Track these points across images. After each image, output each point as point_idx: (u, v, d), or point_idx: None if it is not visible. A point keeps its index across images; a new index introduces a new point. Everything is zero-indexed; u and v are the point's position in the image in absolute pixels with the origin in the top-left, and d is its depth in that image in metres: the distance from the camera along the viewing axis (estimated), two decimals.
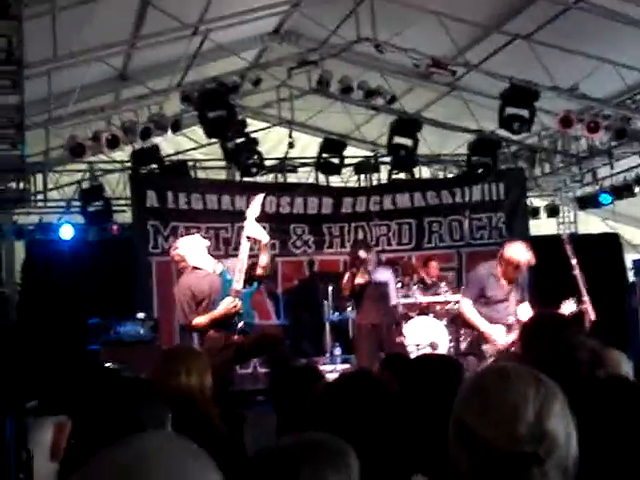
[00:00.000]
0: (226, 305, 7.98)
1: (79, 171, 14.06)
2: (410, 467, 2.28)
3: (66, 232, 13.64)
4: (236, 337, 7.80)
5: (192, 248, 8.20)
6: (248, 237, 8.14)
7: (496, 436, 1.82)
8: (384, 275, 10.80)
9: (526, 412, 1.84)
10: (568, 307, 8.74)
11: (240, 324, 8.00)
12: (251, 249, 8.15)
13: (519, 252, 8.58)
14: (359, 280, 10.23)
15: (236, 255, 8.43)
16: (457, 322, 11.20)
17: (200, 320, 8.04)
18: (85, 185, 13.89)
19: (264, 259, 8.11)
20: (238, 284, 8.02)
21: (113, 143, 11.30)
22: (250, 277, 8.06)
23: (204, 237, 10.03)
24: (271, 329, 9.63)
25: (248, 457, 3.90)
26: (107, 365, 9.52)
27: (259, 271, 8.11)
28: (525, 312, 8.88)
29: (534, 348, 3.33)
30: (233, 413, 4.36)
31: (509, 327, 8.70)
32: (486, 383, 1.92)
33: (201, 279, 8.11)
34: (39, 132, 11.78)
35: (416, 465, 2.34)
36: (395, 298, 11.07)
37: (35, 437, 3.00)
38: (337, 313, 12.12)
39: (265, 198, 13.44)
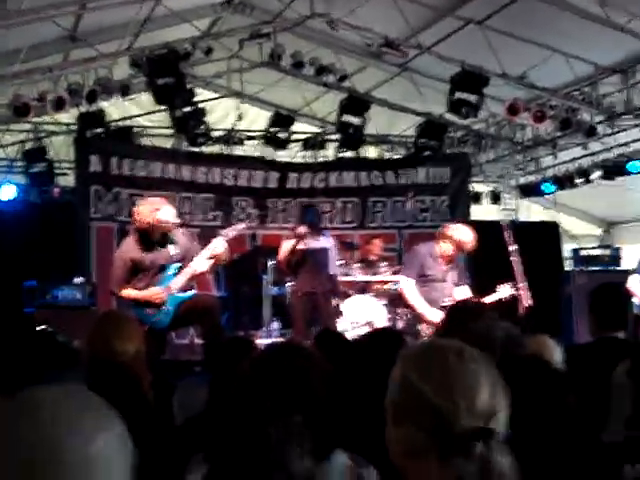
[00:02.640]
0: (153, 293, 7.98)
1: (23, 131, 13.86)
2: (332, 443, 2.30)
3: (7, 192, 13.44)
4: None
5: (168, 219, 8.08)
6: (212, 256, 8.12)
7: (455, 409, 1.87)
8: (325, 243, 10.80)
9: (483, 388, 1.89)
10: (504, 291, 8.88)
11: (154, 319, 8.01)
12: None
13: (468, 235, 8.72)
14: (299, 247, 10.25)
15: (180, 225, 8.44)
16: (396, 302, 11.29)
17: (127, 293, 8.05)
18: (28, 146, 13.71)
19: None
20: (175, 285, 8.02)
21: (59, 104, 11.13)
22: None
23: None
24: (207, 297, 9.58)
25: (175, 426, 3.93)
26: (42, 328, 9.41)
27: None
28: (463, 294, 9.01)
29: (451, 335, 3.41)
30: (164, 382, 4.36)
31: (444, 308, 8.80)
32: (445, 357, 1.96)
33: (145, 252, 8.05)
34: None
35: (338, 441, 2.37)
36: (335, 268, 11.09)
37: None
38: (276, 287, 12.13)
39: (210, 169, 13.57)
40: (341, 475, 2.28)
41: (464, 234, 8.76)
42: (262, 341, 11.20)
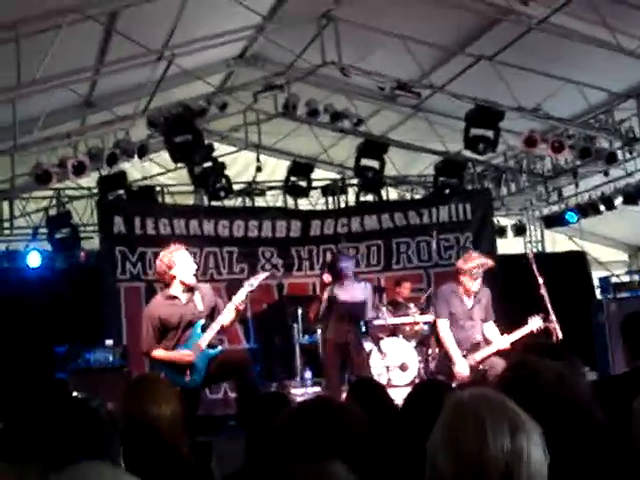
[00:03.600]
0: (183, 354, 8.00)
1: (45, 198, 14.00)
2: None
3: (33, 260, 13.53)
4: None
5: (184, 262, 8.12)
6: (236, 308, 8.13)
7: (459, 475, 1.82)
8: (361, 288, 10.68)
9: (497, 465, 1.83)
10: (535, 323, 8.83)
11: (186, 379, 8.02)
12: None
13: (476, 260, 8.70)
14: (323, 305, 10.21)
15: (204, 280, 8.47)
16: (426, 342, 11.25)
17: (159, 354, 8.06)
18: (52, 212, 13.83)
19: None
20: (204, 341, 8.03)
21: (79, 169, 11.23)
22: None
23: None
24: (237, 352, 9.58)
25: None
26: (75, 394, 9.41)
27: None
28: (491, 331, 8.96)
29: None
30: (200, 442, 4.34)
31: (475, 346, 8.77)
32: (461, 430, 1.90)
33: (172, 308, 8.06)
34: (4, 159, 11.74)
35: None
36: (371, 313, 11.02)
37: None
38: (307, 336, 12.10)
39: (233, 222, 13.61)
40: None
41: (470, 260, 8.75)
42: (296, 391, 11.17)
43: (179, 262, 8.02)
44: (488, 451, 1.84)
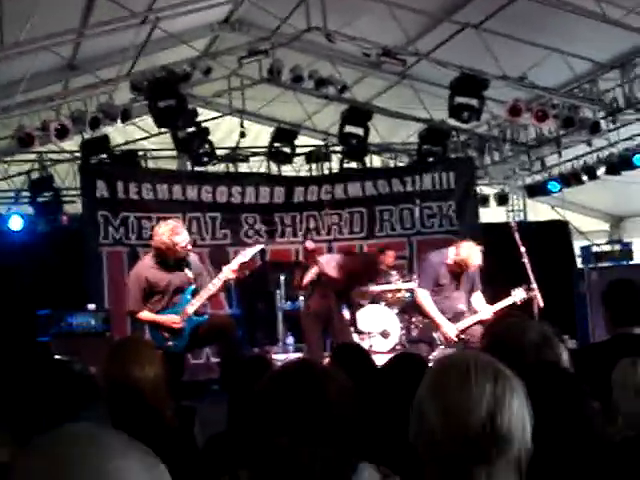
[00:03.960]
0: (170, 318, 8.04)
1: (28, 161, 13.91)
2: (357, 455, 2.30)
3: (15, 223, 13.47)
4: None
5: (183, 240, 8.17)
6: (226, 278, 8.21)
7: (450, 433, 1.85)
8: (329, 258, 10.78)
9: (480, 413, 1.86)
10: (518, 295, 8.89)
11: (170, 343, 8.08)
12: None
13: (474, 257, 8.76)
14: (310, 276, 10.23)
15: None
16: (408, 310, 11.30)
17: (144, 315, 8.12)
18: (34, 175, 13.76)
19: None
20: (192, 307, 8.09)
21: (62, 133, 11.17)
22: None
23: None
24: (221, 318, 9.63)
25: (197, 449, 3.93)
26: (57, 357, 9.41)
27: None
28: (478, 301, 9.03)
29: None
30: (184, 406, 4.36)
31: (460, 315, 8.84)
32: (446, 381, 1.94)
33: (161, 273, 8.12)
34: None
35: (363, 453, 2.37)
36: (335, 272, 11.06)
37: None
38: (289, 302, 12.13)
39: (216, 188, 13.59)
40: None
41: (473, 257, 8.81)
42: (278, 356, 11.22)
43: (179, 241, 8.07)
44: (471, 398, 1.87)
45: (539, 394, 2.17)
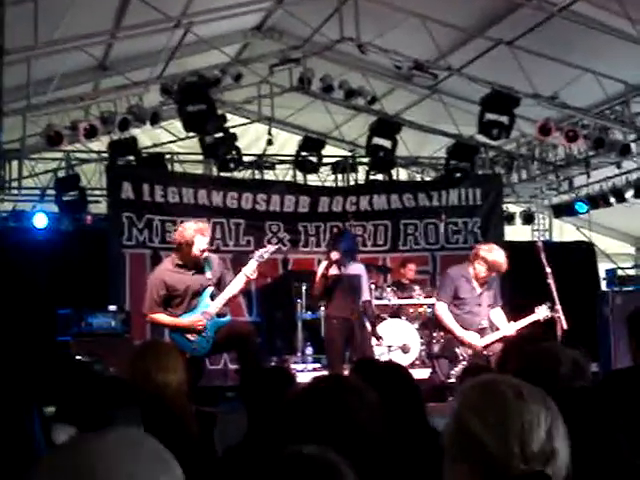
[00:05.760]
0: (194, 319, 8.03)
1: (55, 160, 13.94)
2: (384, 472, 2.26)
3: (40, 221, 13.50)
4: (187, 355, 7.75)
5: (202, 243, 8.17)
6: (246, 276, 8.20)
7: (508, 453, 1.81)
8: (357, 269, 10.72)
9: (539, 432, 1.83)
10: (542, 312, 8.80)
11: (195, 347, 8.07)
12: None
13: (500, 256, 8.67)
14: (332, 272, 10.14)
15: (210, 250, 8.49)
16: (429, 325, 11.23)
17: (160, 317, 8.10)
18: (61, 174, 13.80)
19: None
20: (213, 308, 8.08)
21: (91, 133, 11.20)
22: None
23: None
24: (242, 324, 9.61)
25: (217, 457, 3.89)
26: (78, 358, 9.44)
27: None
28: (498, 317, 8.94)
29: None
30: (205, 412, 4.32)
31: (481, 331, 8.76)
32: (503, 399, 1.90)
33: (179, 276, 8.12)
34: (16, 119, 11.67)
35: (390, 470, 2.33)
36: (367, 294, 11.02)
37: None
38: (310, 312, 12.09)
39: (241, 194, 13.58)
40: None
41: (497, 255, 8.71)
42: (296, 366, 11.18)
43: (197, 242, 8.07)
44: (531, 416, 1.86)
45: (570, 420, 2.12)
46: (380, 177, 14.88)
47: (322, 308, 11.32)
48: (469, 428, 1.87)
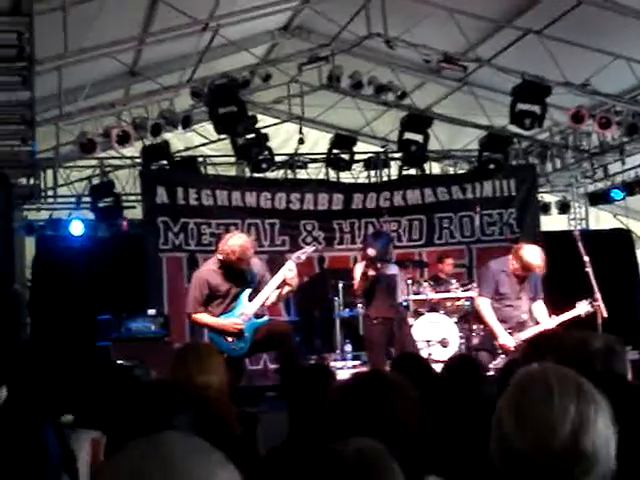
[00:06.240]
0: (232, 321, 8.06)
1: (89, 167, 14.05)
2: (424, 468, 2.26)
3: (76, 228, 13.62)
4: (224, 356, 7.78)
5: (247, 255, 8.20)
6: (284, 279, 8.20)
7: (532, 450, 1.80)
8: (393, 269, 10.71)
9: (563, 429, 1.80)
10: (583, 307, 8.73)
11: (233, 347, 8.09)
12: None
13: (535, 256, 8.59)
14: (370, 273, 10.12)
15: None
16: (468, 318, 11.18)
17: (202, 318, 8.15)
18: (95, 181, 13.90)
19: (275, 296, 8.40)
20: (250, 309, 8.10)
21: (123, 139, 11.29)
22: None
23: (214, 233, 10.14)
24: (280, 324, 9.62)
25: (260, 458, 3.90)
26: (119, 362, 9.49)
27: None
28: (540, 310, 8.88)
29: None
30: (247, 413, 4.33)
31: (521, 325, 8.70)
32: (528, 396, 1.88)
33: (221, 277, 8.15)
34: (49, 128, 11.78)
35: (430, 466, 2.32)
36: (402, 293, 11.01)
37: (74, 450, 2.99)
38: (347, 309, 12.07)
39: (275, 195, 13.61)
40: None
41: (532, 257, 8.63)
42: (336, 364, 11.16)
43: (245, 258, 8.08)
44: (554, 415, 1.82)
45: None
46: (413, 172, 14.84)
47: (359, 306, 11.30)
48: (499, 426, 1.87)
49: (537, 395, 1.87)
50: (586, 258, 9.08)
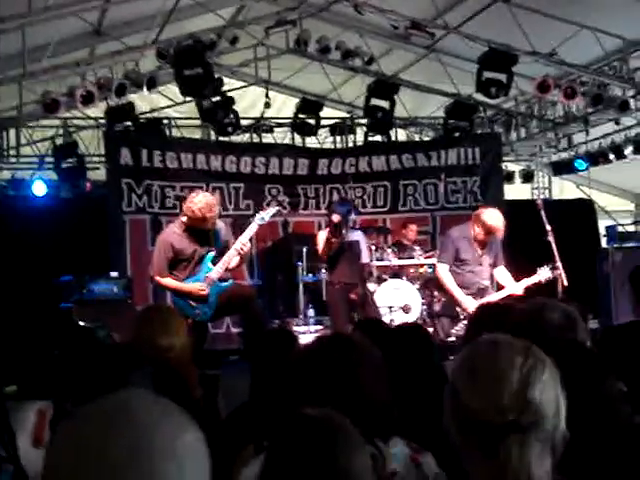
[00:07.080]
0: (197, 287, 8.05)
1: (53, 127, 13.90)
2: (389, 429, 2.28)
3: (39, 188, 13.50)
4: (189, 321, 7.76)
5: (214, 215, 8.17)
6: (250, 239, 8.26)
7: (481, 404, 1.84)
8: (356, 235, 10.78)
9: (511, 381, 1.85)
10: (544, 273, 8.81)
11: (197, 311, 8.08)
12: None
13: (497, 219, 8.64)
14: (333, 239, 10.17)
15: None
16: (430, 285, 11.25)
17: (167, 282, 8.13)
18: (59, 141, 13.76)
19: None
20: (214, 273, 8.09)
21: (87, 99, 11.15)
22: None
23: (179, 196, 10.08)
24: (243, 287, 9.63)
25: (221, 419, 3.92)
26: (81, 324, 9.46)
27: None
28: (504, 276, 8.96)
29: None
30: (208, 375, 4.35)
31: (482, 291, 8.77)
32: (476, 352, 1.93)
33: (186, 240, 8.12)
34: (12, 87, 11.62)
35: (394, 427, 2.35)
36: (366, 257, 11.09)
37: (16, 422, 2.97)
38: (311, 274, 12.10)
39: (240, 158, 13.56)
40: (402, 460, 2.25)
41: (495, 220, 8.69)
42: (298, 329, 11.21)
43: (209, 217, 8.05)
44: (501, 367, 1.88)
45: (562, 372, 2.14)
46: (379, 138, 14.84)
47: (323, 271, 11.34)
48: (451, 383, 1.92)
49: (486, 350, 1.92)
50: (548, 227, 9.16)
